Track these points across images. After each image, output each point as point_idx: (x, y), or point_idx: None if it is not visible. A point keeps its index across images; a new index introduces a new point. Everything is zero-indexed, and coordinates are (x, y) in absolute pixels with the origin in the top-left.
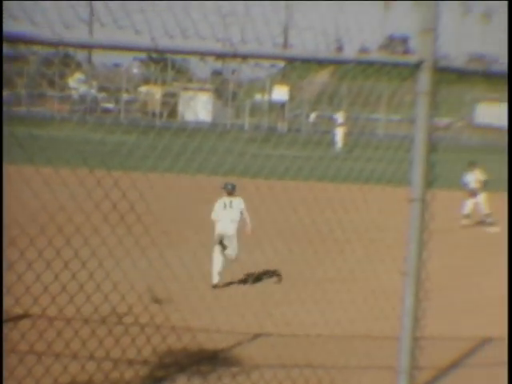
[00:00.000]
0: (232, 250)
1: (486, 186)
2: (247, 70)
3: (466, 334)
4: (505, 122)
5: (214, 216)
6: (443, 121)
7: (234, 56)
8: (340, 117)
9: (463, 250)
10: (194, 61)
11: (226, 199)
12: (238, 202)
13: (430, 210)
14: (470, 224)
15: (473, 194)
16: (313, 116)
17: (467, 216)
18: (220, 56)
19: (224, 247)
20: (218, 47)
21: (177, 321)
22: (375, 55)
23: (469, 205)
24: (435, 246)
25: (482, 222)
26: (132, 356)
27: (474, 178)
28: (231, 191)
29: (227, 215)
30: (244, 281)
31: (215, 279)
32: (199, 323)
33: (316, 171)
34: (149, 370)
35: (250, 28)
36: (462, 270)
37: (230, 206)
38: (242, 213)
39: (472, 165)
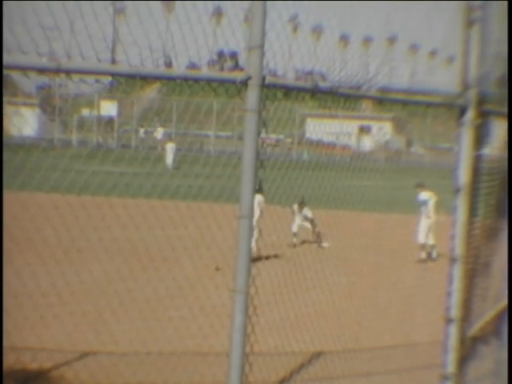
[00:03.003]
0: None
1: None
2: (73, 85)
3: (295, 349)
4: (333, 138)
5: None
6: (273, 137)
7: (57, 71)
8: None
9: (292, 266)
10: (17, 75)
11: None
12: (257, 201)
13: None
14: (300, 239)
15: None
16: (142, 131)
17: (295, 234)
18: (42, 71)
19: None
20: (40, 62)
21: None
22: (201, 71)
23: (296, 221)
24: (264, 262)
25: (311, 238)
26: None
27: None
28: (257, 191)
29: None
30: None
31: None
32: (23, 342)
33: (144, 188)
34: None
35: (74, 43)
36: (291, 285)
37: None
38: (261, 209)
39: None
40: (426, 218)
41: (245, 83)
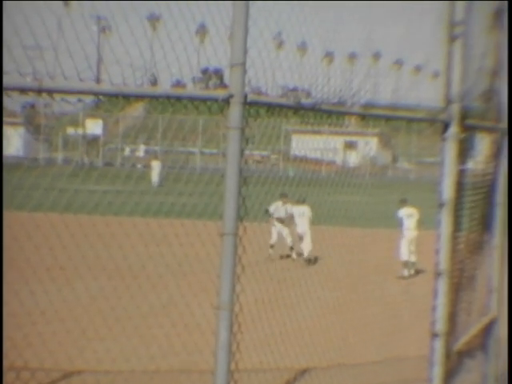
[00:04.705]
0: (307, 242)
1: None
2: (57, 104)
3: (281, 366)
4: (318, 155)
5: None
6: (257, 154)
7: (39, 91)
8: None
9: (275, 282)
10: None
11: (299, 209)
12: (306, 210)
13: (242, 244)
14: (283, 255)
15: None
16: (128, 150)
17: (272, 245)
18: (24, 91)
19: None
20: (22, 82)
21: None
22: (184, 90)
23: (274, 235)
24: (248, 278)
25: (297, 253)
26: None
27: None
28: (303, 202)
29: (302, 220)
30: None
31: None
32: (6, 361)
33: (128, 206)
34: None
35: (56, 62)
36: (274, 301)
37: (303, 215)
38: (308, 217)
39: (283, 196)
40: (405, 235)
41: (227, 101)
